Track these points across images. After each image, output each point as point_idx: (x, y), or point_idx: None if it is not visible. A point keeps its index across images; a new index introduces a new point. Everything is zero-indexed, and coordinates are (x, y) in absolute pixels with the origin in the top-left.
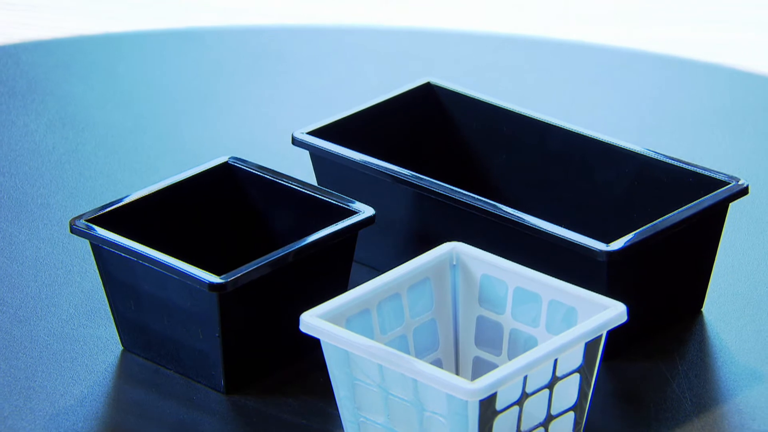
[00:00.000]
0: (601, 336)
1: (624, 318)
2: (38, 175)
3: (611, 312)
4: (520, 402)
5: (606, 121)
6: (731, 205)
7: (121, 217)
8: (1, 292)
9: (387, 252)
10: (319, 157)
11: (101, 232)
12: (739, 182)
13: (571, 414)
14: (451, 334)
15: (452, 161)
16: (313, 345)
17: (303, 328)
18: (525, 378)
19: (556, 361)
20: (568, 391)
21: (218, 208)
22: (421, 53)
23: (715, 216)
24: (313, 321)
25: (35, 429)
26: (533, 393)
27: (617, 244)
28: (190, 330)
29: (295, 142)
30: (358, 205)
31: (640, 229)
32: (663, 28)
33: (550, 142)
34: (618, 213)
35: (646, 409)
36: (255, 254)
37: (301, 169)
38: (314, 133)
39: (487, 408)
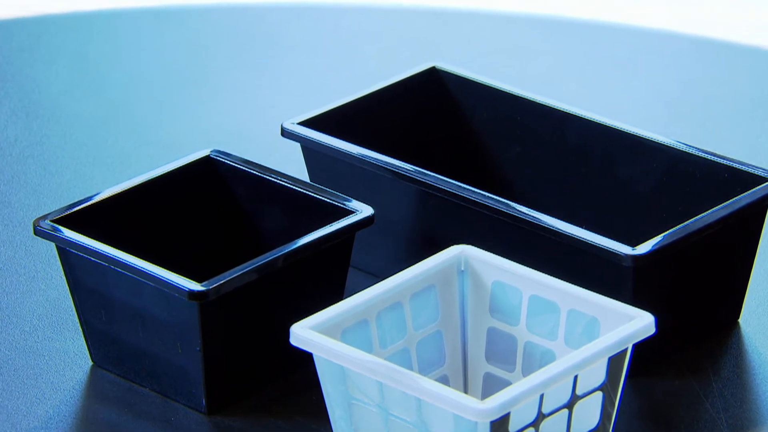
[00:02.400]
0: (626, 350)
1: (652, 330)
2: None
3: (637, 323)
4: (535, 423)
5: (631, 110)
6: None
7: (90, 217)
8: None
9: (387, 256)
10: (311, 150)
11: (68, 233)
12: None
13: None
14: (459, 347)
15: (460, 155)
16: (305, 360)
17: (294, 340)
18: (541, 397)
19: (576, 377)
20: (589, 411)
21: (199, 207)
22: (426, 35)
23: (754, 216)
24: (305, 333)
25: None
26: (550, 413)
27: (644, 248)
28: (167, 343)
29: (285, 133)
30: (355, 204)
31: (670, 230)
32: (695, 6)
33: (569, 133)
34: (645, 212)
35: None
36: (240, 259)
37: (291, 164)
38: (306, 123)
39: (499, 430)
